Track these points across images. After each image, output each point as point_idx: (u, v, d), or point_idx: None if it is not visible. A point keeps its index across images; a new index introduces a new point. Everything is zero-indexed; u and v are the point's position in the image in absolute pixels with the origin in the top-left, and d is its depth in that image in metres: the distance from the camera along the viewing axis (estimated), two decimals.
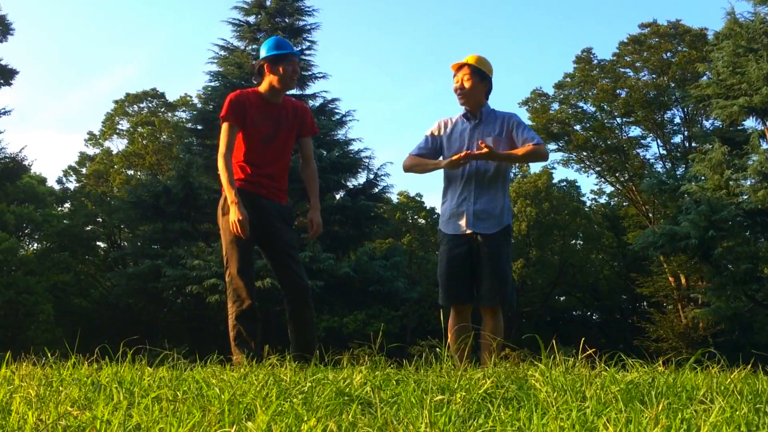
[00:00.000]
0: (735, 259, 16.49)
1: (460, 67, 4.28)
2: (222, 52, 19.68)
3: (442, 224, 4.30)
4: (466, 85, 4.21)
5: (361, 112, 69.79)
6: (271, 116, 4.18)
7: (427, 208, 37.57)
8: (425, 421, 1.84)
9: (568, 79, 32.40)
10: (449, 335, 4.06)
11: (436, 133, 4.32)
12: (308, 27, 19.81)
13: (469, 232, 4.09)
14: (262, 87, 4.24)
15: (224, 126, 4.14)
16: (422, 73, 65.00)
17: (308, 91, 19.55)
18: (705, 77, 20.25)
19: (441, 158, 4.28)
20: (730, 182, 16.99)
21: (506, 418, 1.94)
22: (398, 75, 64.83)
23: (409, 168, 4.31)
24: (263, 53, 4.24)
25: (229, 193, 4.00)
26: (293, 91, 4.40)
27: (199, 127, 19.68)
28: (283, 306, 4.32)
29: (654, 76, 30.54)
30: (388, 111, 64.36)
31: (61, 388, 2.49)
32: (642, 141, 32.86)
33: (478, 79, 4.24)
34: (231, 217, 3.95)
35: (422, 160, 4.28)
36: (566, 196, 36.52)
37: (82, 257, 30.10)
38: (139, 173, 32.85)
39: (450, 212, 4.18)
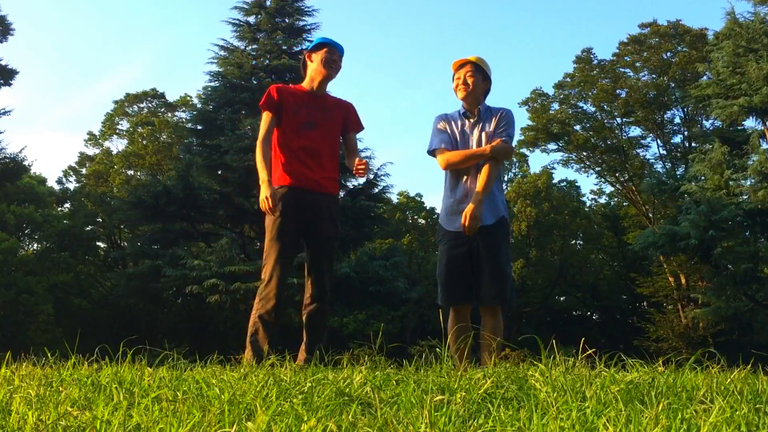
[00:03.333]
0: (735, 259, 16.47)
1: (462, 65, 4.31)
2: (222, 53, 19.69)
3: (442, 221, 4.28)
4: (469, 81, 4.23)
5: (361, 112, 69.63)
6: (311, 106, 4.25)
7: (427, 208, 37.65)
8: (425, 421, 1.84)
9: (568, 79, 32.41)
10: (449, 335, 4.05)
11: (445, 127, 4.30)
12: (308, 27, 19.83)
13: None
14: (306, 81, 4.39)
15: (264, 114, 4.29)
16: (423, 74, 65.06)
17: None
18: (705, 77, 20.26)
19: None
20: (730, 182, 16.99)
21: (506, 418, 1.94)
22: (399, 76, 64.90)
23: (450, 163, 4.17)
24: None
25: (261, 173, 4.11)
26: (328, 78, 4.55)
27: (199, 128, 19.67)
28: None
29: (654, 76, 30.54)
30: (389, 112, 64.40)
31: (61, 388, 2.49)
32: (642, 141, 32.90)
33: (480, 77, 4.27)
34: (261, 195, 4.06)
35: (459, 151, 4.16)
36: (566, 196, 36.54)
37: (82, 257, 30.10)
38: (139, 173, 32.84)
39: (451, 209, 4.17)
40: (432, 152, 4.27)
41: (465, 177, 4.16)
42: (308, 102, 4.26)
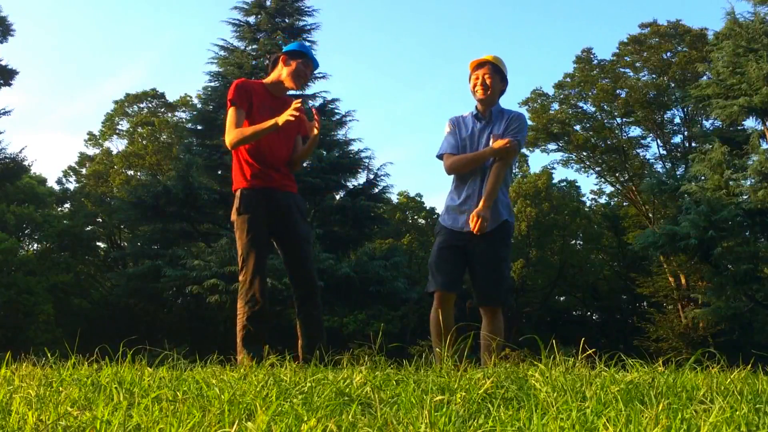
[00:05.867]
0: (735, 259, 16.47)
1: (480, 65, 4.23)
2: (222, 53, 19.71)
3: (442, 218, 4.27)
4: (488, 82, 4.17)
5: (361, 112, 69.86)
6: (273, 108, 4.19)
7: (427, 208, 37.64)
8: (425, 421, 1.84)
9: (568, 79, 32.40)
10: (431, 323, 4.00)
11: (455, 131, 4.26)
12: (308, 27, 19.87)
13: (466, 230, 4.06)
14: (269, 79, 4.31)
15: (231, 110, 4.16)
16: (424, 74, 65.03)
17: (308, 92, 19.56)
18: (705, 77, 20.25)
19: None
20: (730, 182, 16.98)
21: (506, 418, 1.94)
22: (400, 77, 64.89)
23: (453, 167, 4.18)
24: (284, 49, 4.37)
25: (268, 126, 3.99)
26: (294, 90, 4.52)
27: (199, 128, 19.69)
28: (286, 305, 4.36)
29: (654, 76, 30.54)
30: (389, 112, 64.42)
31: (61, 388, 2.49)
32: (642, 141, 32.90)
33: (498, 78, 4.22)
34: (283, 117, 3.91)
35: (462, 155, 4.16)
36: (566, 196, 36.54)
37: (82, 257, 30.09)
38: (139, 173, 32.83)
39: (453, 207, 4.17)
40: (440, 157, 4.27)
41: (469, 180, 4.14)
42: (270, 104, 4.21)
